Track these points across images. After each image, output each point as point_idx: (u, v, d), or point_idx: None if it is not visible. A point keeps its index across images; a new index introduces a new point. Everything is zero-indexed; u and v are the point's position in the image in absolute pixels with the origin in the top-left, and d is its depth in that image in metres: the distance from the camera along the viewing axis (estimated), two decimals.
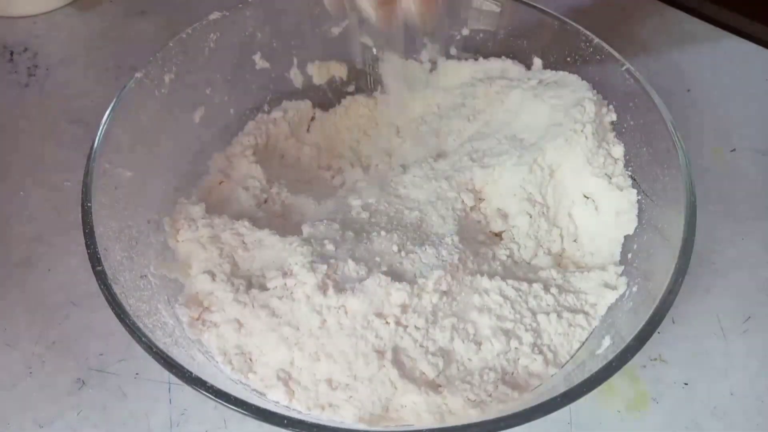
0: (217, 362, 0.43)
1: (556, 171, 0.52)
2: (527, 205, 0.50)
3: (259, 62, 0.56)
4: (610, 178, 0.50)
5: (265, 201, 0.53)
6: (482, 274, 0.46)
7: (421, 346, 0.43)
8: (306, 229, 0.48)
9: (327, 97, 0.60)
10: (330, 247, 0.47)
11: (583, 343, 0.45)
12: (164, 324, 0.42)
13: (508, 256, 0.49)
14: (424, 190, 0.52)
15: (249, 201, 0.52)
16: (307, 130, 0.59)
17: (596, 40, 0.52)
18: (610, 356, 0.38)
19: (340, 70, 0.59)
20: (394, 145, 0.58)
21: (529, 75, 0.57)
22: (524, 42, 0.57)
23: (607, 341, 0.43)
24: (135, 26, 0.69)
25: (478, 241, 0.49)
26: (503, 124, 0.55)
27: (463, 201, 0.51)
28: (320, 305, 0.44)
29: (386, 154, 0.58)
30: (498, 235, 0.51)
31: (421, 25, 0.46)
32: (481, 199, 0.52)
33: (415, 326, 0.44)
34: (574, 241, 0.51)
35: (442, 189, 0.51)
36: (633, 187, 0.50)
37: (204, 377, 0.36)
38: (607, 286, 0.47)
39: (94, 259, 0.40)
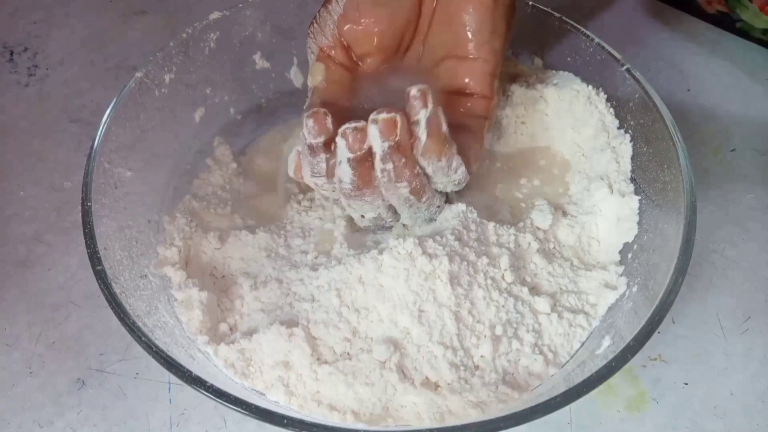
0: (216, 362, 0.43)
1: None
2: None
3: (259, 62, 0.56)
4: (613, 183, 0.50)
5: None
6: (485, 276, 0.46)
7: (424, 347, 0.43)
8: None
9: None
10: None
11: (583, 343, 0.45)
12: (164, 324, 0.42)
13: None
14: None
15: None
16: None
17: (596, 40, 0.52)
18: (610, 356, 0.38)
19: None
20: None
21: (529, 73, 0.57)
22: (524, 42, 0.57)
23: (607, 341, 0.43)
24: (135, 26, 0.69)
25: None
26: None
27: None
28: (320, 305, 0.44)
29: None
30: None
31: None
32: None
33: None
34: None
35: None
36: (633, 185, 0.50)
37: (204, 377, 0.36)
38: (607, 286, 0.47)
39: (94, 259, 0.40)
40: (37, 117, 0.61)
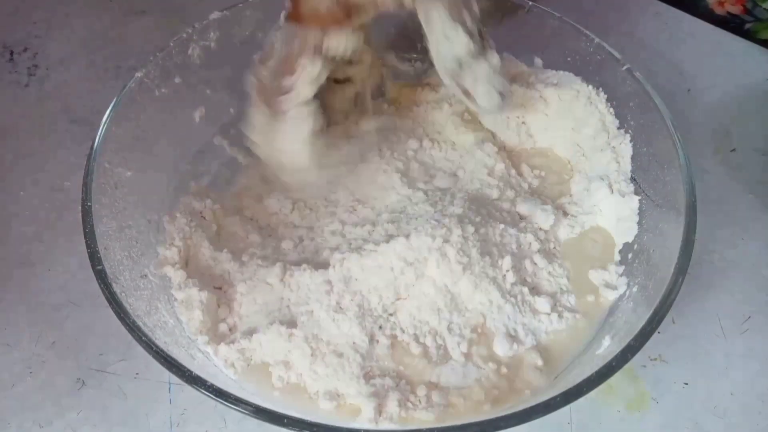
0: (216, 362, 0.43)
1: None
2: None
3: None
4: (613, 183, 0.50)
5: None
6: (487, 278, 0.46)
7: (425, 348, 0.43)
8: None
9: None
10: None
11: (584, 343, 0.45)
12: (164, 324, 0.42)
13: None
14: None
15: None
16: None
17: (596, 40, 0.52)
18: (610, 356, 0.38)
19: None
20: None
21: (529, 73, 0.57)
22: (524, 42, 0.57)
23: (607, 341, 0.43)
24: (135, 26, 0.69)
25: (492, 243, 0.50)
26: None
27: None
28: (321, 305, 0.44)
29: None
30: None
31: None
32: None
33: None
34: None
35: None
36: (633, 185, 0.50)
37: (204, 377, 0.36)
38: (607, 286, 0.47)
39: (94, 259, 0.40)
40: (37, 117, 0.61)
